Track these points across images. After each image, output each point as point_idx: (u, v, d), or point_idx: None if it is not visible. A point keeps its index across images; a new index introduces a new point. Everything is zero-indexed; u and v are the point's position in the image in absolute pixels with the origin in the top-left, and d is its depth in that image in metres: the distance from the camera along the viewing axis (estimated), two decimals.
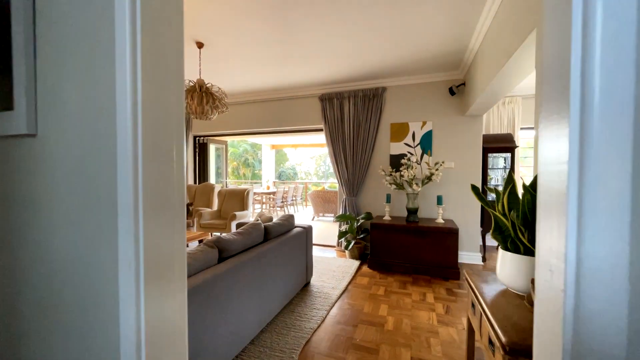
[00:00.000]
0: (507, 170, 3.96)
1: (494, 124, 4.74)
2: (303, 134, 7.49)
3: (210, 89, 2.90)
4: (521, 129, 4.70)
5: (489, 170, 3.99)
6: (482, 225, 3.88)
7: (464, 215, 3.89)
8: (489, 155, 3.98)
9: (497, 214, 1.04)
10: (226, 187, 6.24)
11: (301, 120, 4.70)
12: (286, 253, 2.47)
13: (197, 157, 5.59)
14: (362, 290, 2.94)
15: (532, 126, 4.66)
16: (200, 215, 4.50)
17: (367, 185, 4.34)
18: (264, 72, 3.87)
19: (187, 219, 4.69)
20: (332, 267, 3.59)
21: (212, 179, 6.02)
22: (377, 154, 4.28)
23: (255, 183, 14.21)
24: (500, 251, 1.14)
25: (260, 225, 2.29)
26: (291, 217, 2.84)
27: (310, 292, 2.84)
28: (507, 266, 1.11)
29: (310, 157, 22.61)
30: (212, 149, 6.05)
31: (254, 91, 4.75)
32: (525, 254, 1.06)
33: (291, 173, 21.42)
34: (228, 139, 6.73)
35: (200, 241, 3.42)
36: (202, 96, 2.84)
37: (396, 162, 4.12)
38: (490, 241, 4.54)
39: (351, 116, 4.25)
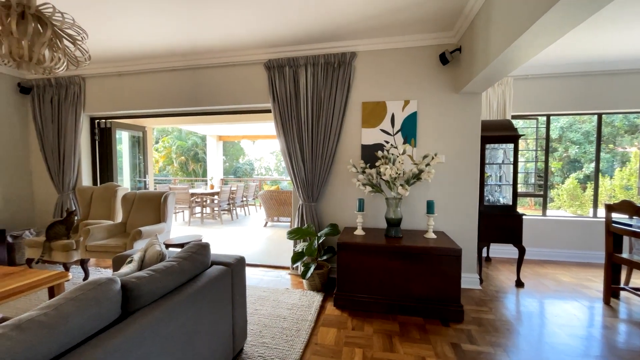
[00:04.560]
0: (507, 166, 3.12)
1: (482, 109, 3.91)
2: (254, 121, 6.16)
3: (37, 10, 1.52)
4: (512, 116, 3.95)
5: (486, 165, 3.11)
6: (479, 237, 2.99)
7: (458, 225, 2.96)
8: (487, 146, 3.10)
9: None
10: (146, 188, 4.70)
11: (241, 97, 3.41)
12: (185, 326, 1.24)
13: (96, 148, 4.00)
14: (328, 359, 1.81)
15: (526, 113, 3.92)
16: (88, 233, 3.01)
17: (332, 187, 3.22)
18: (179, 16, 2.52)
19: (67, 237, 3.16)
20: (282, 309, 2.42)
21: (124, 177, 4.46)
22: (344, 144, 3.17)
23: (203, 181, 12.47)
24: None
25: (106, 287, 1.03)
26: (202, 248, 1.60)
27: None
28: None
29: (270, 152, 21.06)
30: (124, 137, 4.47)
31: (170, 53, 3.35)
32: None
33: (248, 169, 19.69)
34: (151, 124, 5.17)
35: (50, 291, 1.98)
36: (20, 21, 1.46)
37: (370, 154, 3.06)
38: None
39: (309, 91, 3.08)
